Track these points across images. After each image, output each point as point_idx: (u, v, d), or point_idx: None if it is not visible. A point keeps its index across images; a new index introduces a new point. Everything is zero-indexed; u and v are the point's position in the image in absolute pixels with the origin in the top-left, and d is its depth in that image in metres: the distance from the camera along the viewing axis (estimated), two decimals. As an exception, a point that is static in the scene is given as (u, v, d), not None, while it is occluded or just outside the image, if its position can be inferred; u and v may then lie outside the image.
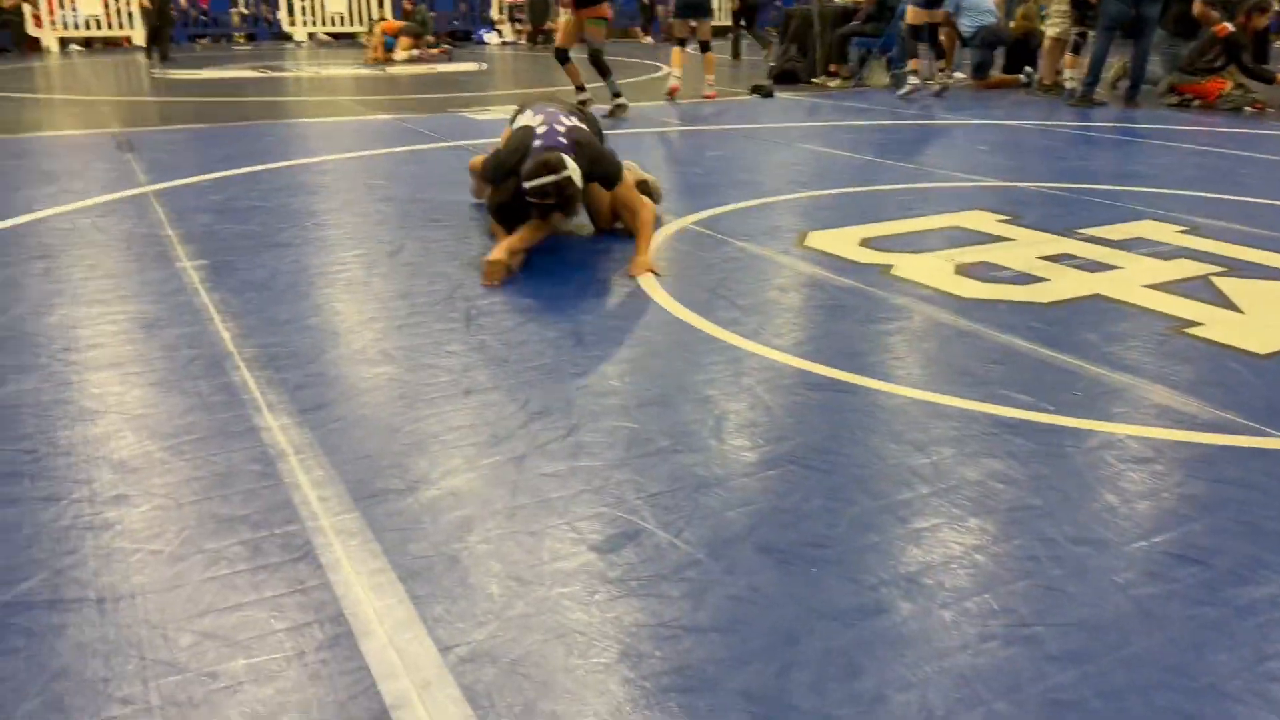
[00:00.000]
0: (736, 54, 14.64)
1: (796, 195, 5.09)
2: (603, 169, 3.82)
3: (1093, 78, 8.65)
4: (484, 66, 13.80)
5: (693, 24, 9.21)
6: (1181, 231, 4.20)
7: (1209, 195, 5.00)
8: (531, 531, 1.91)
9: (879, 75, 10.77)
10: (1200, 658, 1.55)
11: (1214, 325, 3.04)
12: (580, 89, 8.23)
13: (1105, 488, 2.08)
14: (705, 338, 2.98)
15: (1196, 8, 8.95)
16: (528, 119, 3.95)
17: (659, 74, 12.43)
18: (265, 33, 18.75)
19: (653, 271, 3.63)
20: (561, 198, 3.60)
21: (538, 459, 2.21)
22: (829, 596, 1.71)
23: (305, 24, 18.85)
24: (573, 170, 3.60)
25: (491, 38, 19.25)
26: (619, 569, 1.78)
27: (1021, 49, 10.49)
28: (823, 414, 2.46)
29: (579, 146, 3.75)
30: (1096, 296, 3.34)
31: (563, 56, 8.15)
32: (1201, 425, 2.38)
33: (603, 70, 8.07)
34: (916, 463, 2.19)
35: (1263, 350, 2.84)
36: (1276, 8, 10.28)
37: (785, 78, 10.77)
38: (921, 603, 1.69)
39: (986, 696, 1.46)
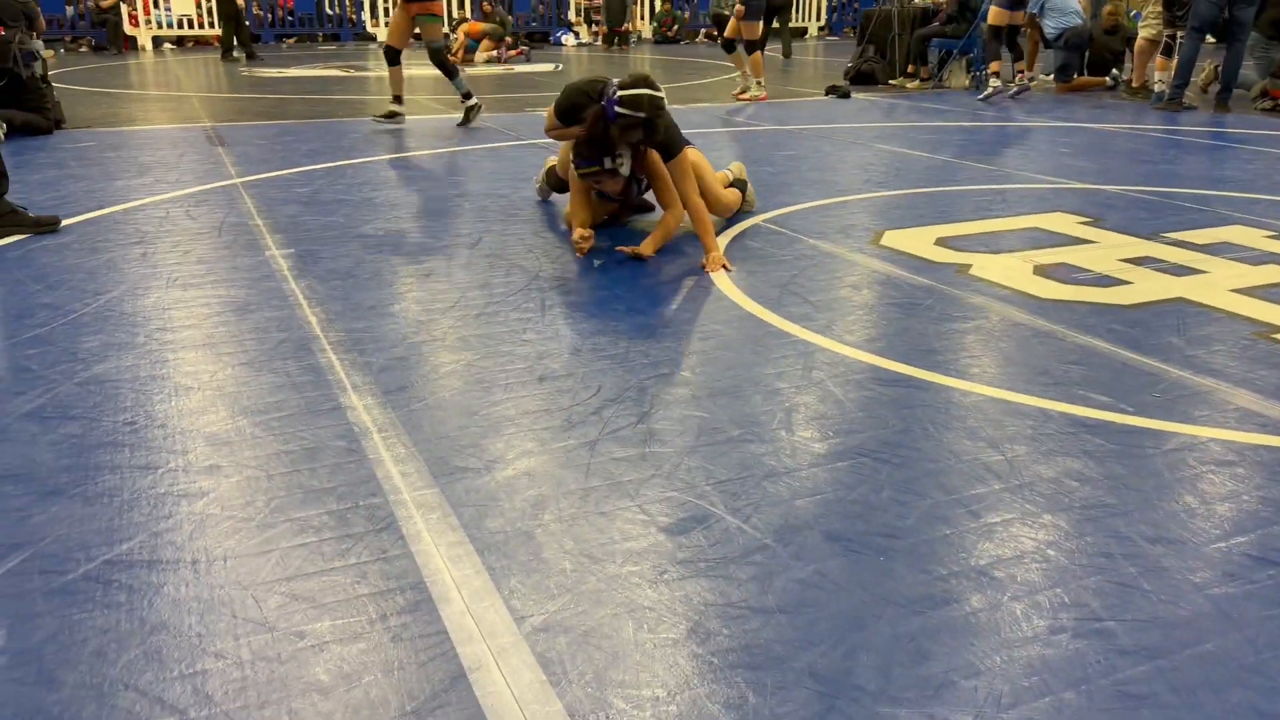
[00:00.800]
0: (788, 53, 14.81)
1: (871, 195, 5.06)
2: (672, 134, 3.83)
3: (1181, 80, 8.42)
4: (560, 67, 13.94)
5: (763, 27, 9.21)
6: (1270, 237, 4.08)
7: (1302, 201, 4.85)
8: (603, 512, 1.95)
9: (959, 77, 10.62)
10: (1278, 658, 1.52)
11: (1303, 331, 2.96)
12: (398, 99, 7.48)
13: (1184, 488, 2.05)
14: (776, 332, 3.00)
15: (1294, 10, 8.66)
16: None
17: (735, 73, 12.41)
18: (349, 33, 19.19)
19: (725, 266, 3.65)
20: (654, 111, 3.62)
21: (609, 444, 2.25)
22: (897, 585, 1.72)
23: (387, 25, 19.25)
24: (663, 94, 3.66)
25: (568, 39, 19.41)
26: (688, 550, 1.82)
27: (1107, 50, 10.25)
28: (894, 409, 2.46)
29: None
30: (1180, 300, 3.27)
31: (391, 56, 7.39)
32: (1287, 430, 2.32)
33: (447, 70, 7.38)
34: (990, 459, 2.18)
35: (1355, 357, 2.76)
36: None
37: (862, 79, 10.69)
38: (992, 594, 1.69)
39: (1055, 686, 1.46)
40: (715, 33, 19.80)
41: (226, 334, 2.95)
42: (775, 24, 14.83)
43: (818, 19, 22.02)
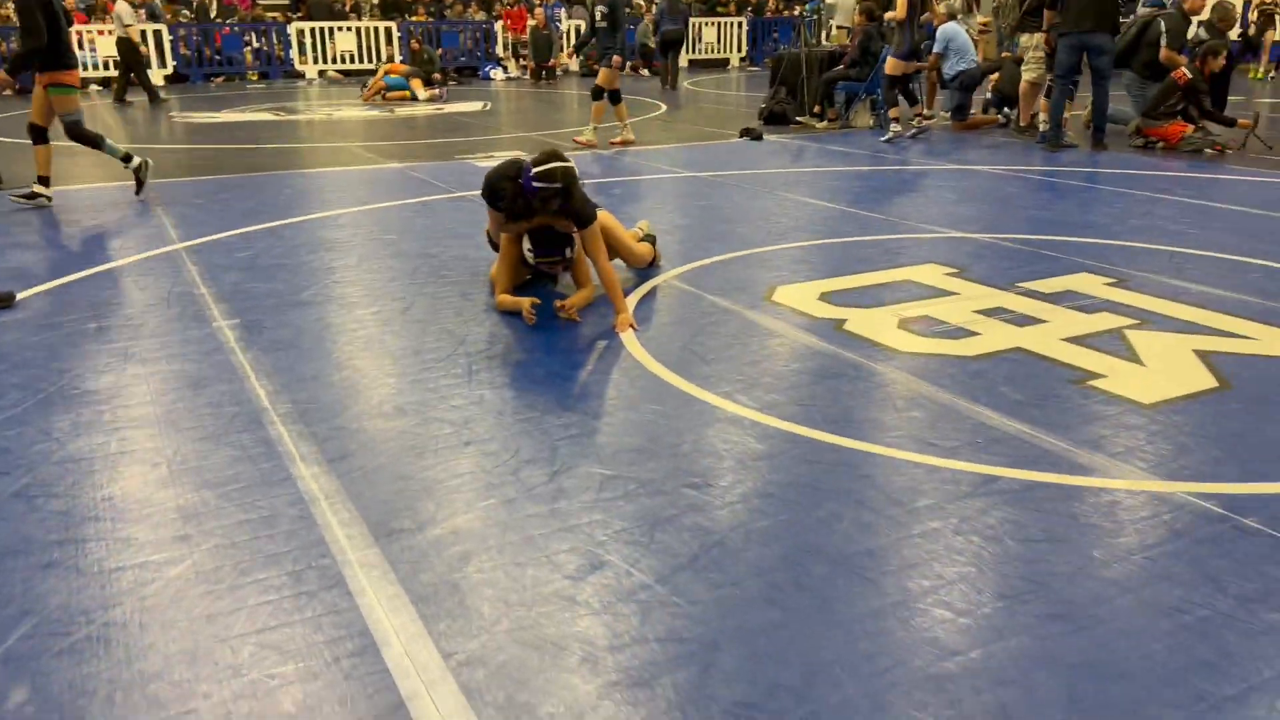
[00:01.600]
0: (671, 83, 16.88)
1: (771, 247, 5.58)
2: (585, 204, 4.28)
3: (1054, 121, 9.17)
4: (488, 106, 14.37)
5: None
6: (1110, 284, 4.67)
7: (1147, 246, 5.48)
8: (517, 563, 2.38)
9: (864, 117, 11.30)
10: (1044, 683, 2.01)
11: (1114, 377, 3.51)
12: (42, 180, 6.94)
13: (979, 530, 2.55)
14: (676, 392, 3.45)
15: (1163, 53, 9.47)
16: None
17: (661, 111, 12.95)
18: (277, 71, 19.39)
19: (633, 326, 4.11)
20: (567, 180, 4.12)
21: (524, 502, 2.68)
22: (746, 613, 2.17)
23: (315, 62, 19.50)
24: (573, 164, 4.16)
25: (497, 74, 19.86)
26: (584, 593, 2.25)
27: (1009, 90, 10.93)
28: (768, 461, 2.93)
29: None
30: (1018, 350, 3.81)
31: (36, 134, 6.98)
32: (1079, 469, 2.84)
33: (88, 141, 7.00)
34: (826, 509, 2.65)
35: (1148, 400, 3.31)
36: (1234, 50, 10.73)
37: (774, 118, 11.30)
38: (819, 623, 2.16)
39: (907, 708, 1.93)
40: (640, 65, 20.44)
41: (184, 409, 3.31)
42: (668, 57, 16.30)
43: (739, 50, 22.79)
